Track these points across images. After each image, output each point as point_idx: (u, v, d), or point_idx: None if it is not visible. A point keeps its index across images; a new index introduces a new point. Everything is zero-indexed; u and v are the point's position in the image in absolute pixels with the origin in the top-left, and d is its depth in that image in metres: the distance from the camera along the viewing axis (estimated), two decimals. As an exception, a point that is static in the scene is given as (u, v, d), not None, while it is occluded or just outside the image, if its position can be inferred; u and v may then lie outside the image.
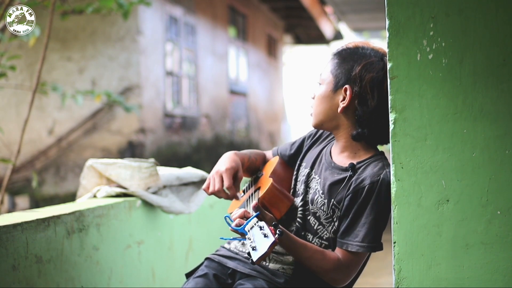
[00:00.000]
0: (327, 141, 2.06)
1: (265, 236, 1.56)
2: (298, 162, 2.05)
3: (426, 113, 1.56)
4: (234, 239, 1.73)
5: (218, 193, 1.94)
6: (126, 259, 2.52)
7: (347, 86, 1.86)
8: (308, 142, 2.10)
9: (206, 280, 1.90)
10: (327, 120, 1.92)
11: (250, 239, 1.59)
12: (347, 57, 1.90)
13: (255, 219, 1.64)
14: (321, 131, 2.10)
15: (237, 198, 1.95)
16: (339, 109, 1.89)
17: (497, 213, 1.52)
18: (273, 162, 2.09)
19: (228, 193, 1.94)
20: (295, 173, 2.03)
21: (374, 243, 1.80)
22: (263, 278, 1.85)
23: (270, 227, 1.60)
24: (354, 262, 1.84)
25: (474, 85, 1.53)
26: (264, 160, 2.18)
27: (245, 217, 1.71)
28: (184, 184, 2.86)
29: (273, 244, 1.54)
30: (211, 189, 1.95)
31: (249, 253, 1.56)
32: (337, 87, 1.89)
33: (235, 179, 1.96)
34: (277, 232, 1.59)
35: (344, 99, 1.88)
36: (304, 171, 2.00)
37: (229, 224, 1.71)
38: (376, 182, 1.80)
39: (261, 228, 1.60)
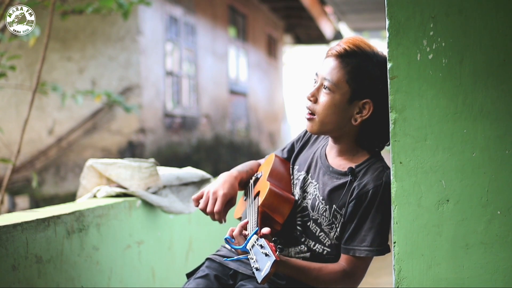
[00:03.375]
0: (318, 142, 2.02)
1: (266, 255, 1.55)
2: (291, 166, 2.02)
3: (426, 113, 1.55)
4: (239, 258, 1.70)
5: (209, 214, 1.95)
6: (126, 259, 2.52)
7: (368, 100, 1.81)
8: (298, 145, 2.06)
9: (207, 281, 1.90)
10: (335, 129, 1.86)
11: (252, 259, 1.57)
12: (362, 66, 1.81)
13: (255, 236, 1.62)
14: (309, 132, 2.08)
15: (221, 222, 1.95)
16: (354, 122, 1.83)
17: (497, 213, 1.52)
18: (270, 161, 2.05)
19: (216, 218, 1.94)
20: (291, 177, 2.00)
21: (382, 246, 1.79)
22: None
23: (270, 244, 1.58)
24: (361, 267, 1.82)
25: (474, 85, 1.53)
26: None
27: (244, 233, 1.72)
28: (184, 184, 2.86)
29: (275, 263, 1.52)
30: (201, 206, 1.95)
31: (253, 273, 1.56)
32: (354, 98, 1.82)
33: (228, 204, 1.96)
34: (277, 248, 1.57)
35: (360, 111, 1.82)
36: (298, 174, 1.96)
37: (230, 245, 1.70)
38: (380, 186, 1.78)
39: (261, 246, 1.58)
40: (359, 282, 1.86)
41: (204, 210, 1.95)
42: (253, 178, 2.08)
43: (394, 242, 1.58)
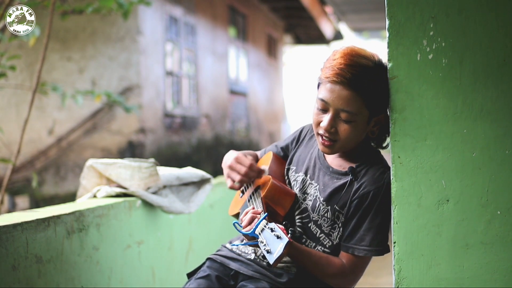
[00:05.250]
0: (314, 141, 2.00)
1: (278, 237, 1.57)
2: (287, 166, 2.02)
3: (426, 113, 1.56)
4: (246, 244, 1.71)
5: (246, 176, 1.90)
6: (126, 259, 2.52)
7: (385, 114, 1.81)
8: (293, 146, 2.06)
9: (208, 281, 1.89)
10: (352, 146, 1.85)
11: (263, 243, 1.59)
12: (373, 86, 1.76)
13: (264, 221, 1.64)
14: (304, 132, 2.05)
15: (263, 171, 1.92)
16: (372, 134, 1.84)
17: (497, 213, 1.52)
18: (268, 158, 2.05)
19: (254, 171, 1.91)
20: (286, 177, 2.00)
21: (381, 246, 1.80)
22: (266, 280, 1.84)
23: (281, 227, 1.60)
24: (359, 266, 1.83)
25: (474, 85, 1.53)
26: (257, 159, 2.15)
27: (253, 220, 1.72)
28: (184, 184, 2.86)
29: (288, 244, 1.55)
30: (237, 178, 1.91)
31: (263, 256, 1.56)
32: (372, 117, 1.81)
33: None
34: (289, 231, 1.59)
35: (376, 124, 1.83)
36: (295, 176, 1.96)
37: (239, 230, 1.71)
38: (381, 187, 1.79)
39: (272, 230, 1.60)
40: (356, 281, 1.87)
41: (242, 179, 1.91)
42: None
43: (394, 242, 1.58)
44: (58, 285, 2.07)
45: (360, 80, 1.74)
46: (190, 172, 2.92)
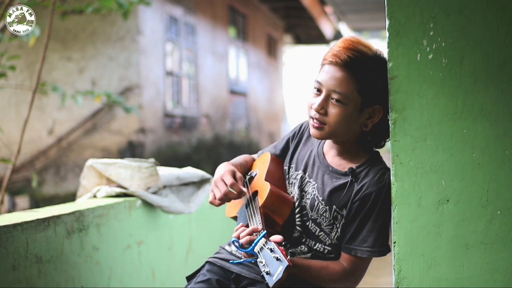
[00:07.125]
0: (313, 139, 1.97)
1: (278, 259, 1.53)
2: (287, 165, 1.99)
3: (426, 113, 1.56)
4: (245, 260, 1.67)
5: (226, 196, 1.85)
6: (126, 259, 2.52)
7: (379, 106, 1.79)
8: (293, 143, 2.03)
9: (208, 285, 1.88)
10: (344, 136, 1.84)
11: (262, 263, 1.55)
12: (369, 73, 1.76)
13: (263, 239, 1.60)
14: (304, 128, 2.03)
15: (244, 193, 1.86)
16: (365, 127, 1.81)
17: (497, 213, 1.52)
18: (266, 159, 2.01)
19: (234, 191, 1.85)
20: (286, 176, 1.98)
21: (383, 247, 1.79)
22: None
23: (281, 248, 1.56)
24: (361, 267, 1.82)
25: (474, 85, 1.53)
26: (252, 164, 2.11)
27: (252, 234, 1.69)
28: (184, 184, 2.86)
29: (287, 268, 1.51)
30: (218, 196, 1.86)
31: (262, 276, 1.54)
32: (365, 107, 1.79)
33: (235, 179, 1.91)
34: (288, 253, 1.56)
35: (370, 117, 1.81)
36: (295, 173, 1.94)
37: (237, 247, 1.66)
38: (382, 188, 1.77)
39: (271, 250, 1.56)
40: (359, 282, 1.86)
41: (221, 198, 1.85)
42: (247, 176, 2.04)
43: (394, 242, 1.58)
44: (58, 285, 2.07)
45: (355, 64, 1.76)
46: (190, 172, 2.92)
